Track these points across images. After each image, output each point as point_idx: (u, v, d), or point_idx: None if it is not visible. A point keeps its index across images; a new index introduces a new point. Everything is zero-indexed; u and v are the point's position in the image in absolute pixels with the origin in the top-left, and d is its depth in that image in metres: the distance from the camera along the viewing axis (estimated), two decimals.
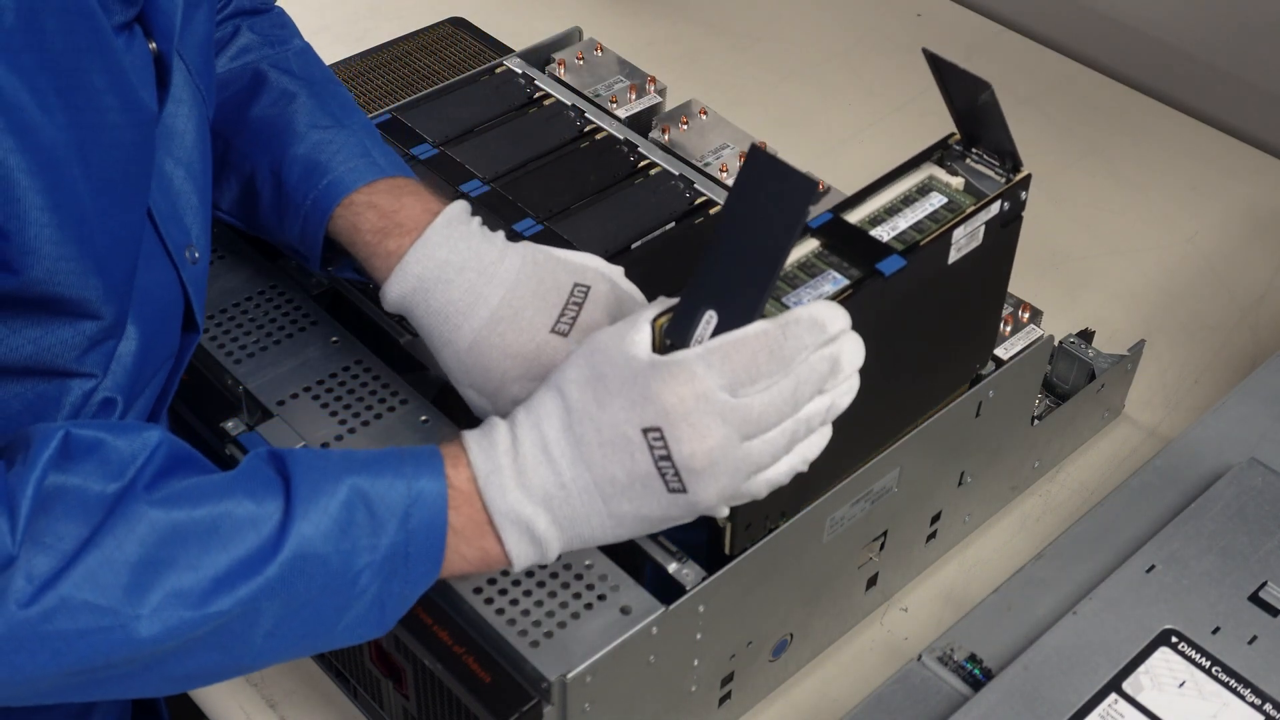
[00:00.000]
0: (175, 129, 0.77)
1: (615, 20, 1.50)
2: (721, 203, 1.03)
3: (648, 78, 1.16)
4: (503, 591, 0.77)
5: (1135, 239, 1.26)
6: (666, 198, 1.04)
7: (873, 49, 1.49)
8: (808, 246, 0.77)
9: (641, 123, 1.14)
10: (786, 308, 0.73)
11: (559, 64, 1.17)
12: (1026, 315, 0.96)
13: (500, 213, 1.01)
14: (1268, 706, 0.81)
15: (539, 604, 0.76)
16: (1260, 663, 0.83)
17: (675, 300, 0.70)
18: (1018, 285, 0.97)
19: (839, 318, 0.68)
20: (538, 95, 1.13)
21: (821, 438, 0.71)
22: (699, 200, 1.04)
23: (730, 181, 1.07)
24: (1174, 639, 0.84)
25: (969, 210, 0.78)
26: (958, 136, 0.81)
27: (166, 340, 0.79)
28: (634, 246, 1.00)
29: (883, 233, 0.77)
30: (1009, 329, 0.94)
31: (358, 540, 0.67)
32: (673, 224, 1.02)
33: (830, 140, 1.35)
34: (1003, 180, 0.80)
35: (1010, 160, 0.79)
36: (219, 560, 0.65)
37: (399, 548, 0.68)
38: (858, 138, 1.36)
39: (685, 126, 1.12)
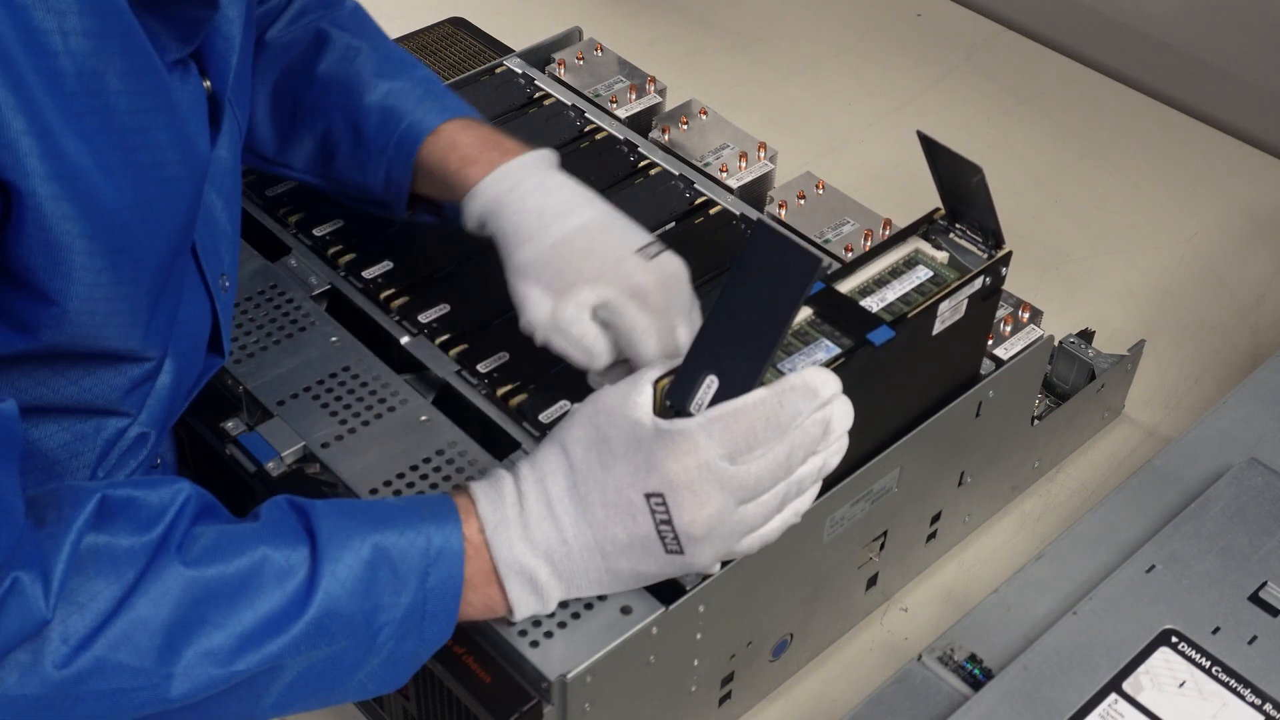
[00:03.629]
0: (218, 159, 0.77)
1: (615, 20, 1.50)
2: (721, 203, 1.04)
3: (648, 78, 1.16)
4: None
5: (1135, 239, 1.26)
6: (666, 198, 1.04)
7: (873, 49, 1.49)
8: (802, 315, 0.81)
9: (641, 123, 1.14)
10: (781, 373, 0.76)
11: (559, 64, 1.17)
12: (1026, 315, 0.95)
13: None
14: (1268, 706, 0.81)
15: None
16: (1260, 663, 0.83)
17: (676, 362, 0.72)
18: (1018, 285, 0.97)
19: (831, 383, 0.71)
20: (538, 95, 1.13)
21: (812, 495, 0.74)
22: (699, 200, 1.04)
23: (730, 181, 1.07)
24: (1174, 639, 0.84)
25: (953, 285, 0.82)
26: (942, 211, 0.85)
27: (196, 368, 0.80)
28: None
29: (872, 303, 0.82)
30: (1009, 329, 0.94)
31: (380, 598, 0.68)
32: (673, 224, 1.02)
33: (830, 140, 1.35)
34: (985, 256, 0.83)
35: (993, 237, 0.83)
36: (246, 618, 0.65)
37: (417, 606, 0.69)
38: (858, 138, 1.36)
39: (685, 126, 1.12)
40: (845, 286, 0.82)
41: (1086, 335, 1.04)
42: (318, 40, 0.90)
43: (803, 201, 1.08)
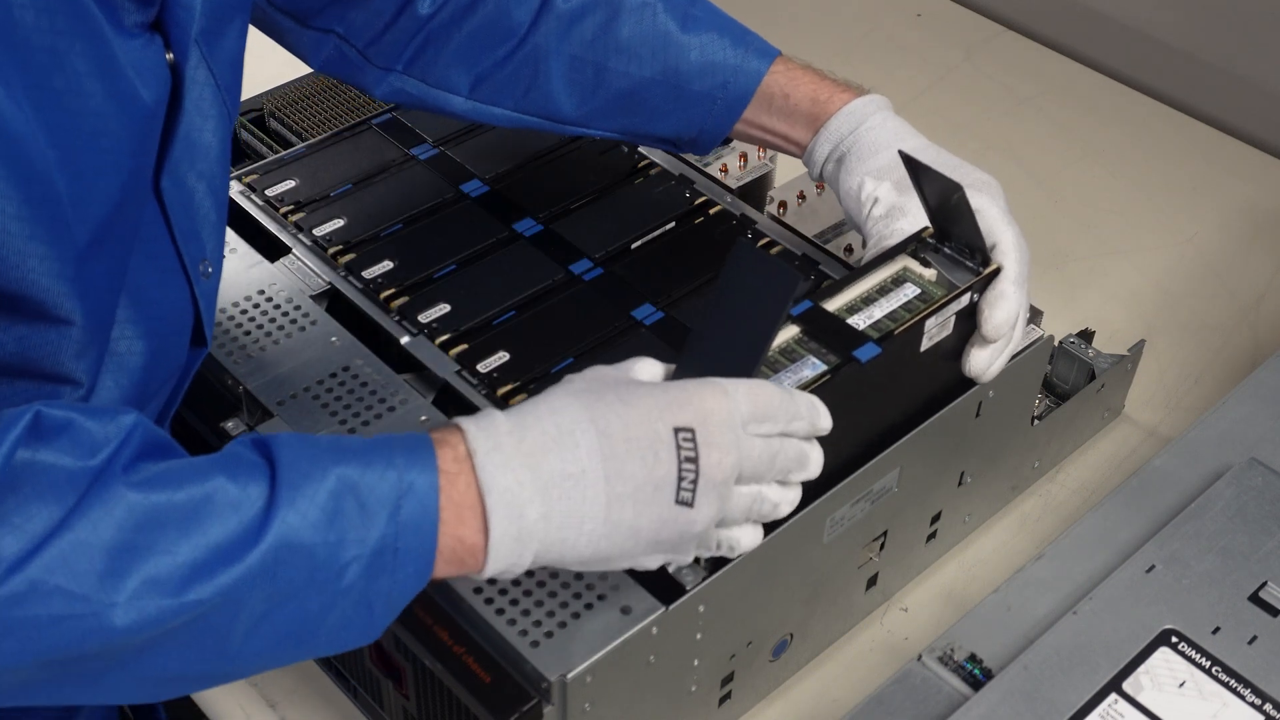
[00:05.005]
0: (201, 143, 0.76)
1: None
2: (721, 203, 1.04)
3: None
4: (503, 591, 0.77)
5: (1135, 239, 1.26)
6: (666, 198, 1.04)
7: (873, 49, 1.49)
8: (789, 333, 0.81)
9: None
10: None
11: None
12: (1026, 315, 0.95)
13: (500, 213, 1.01)
14: (1268, 706, 0.81)
15: (539, 604, 0.76)
16: (1260, 663, 0.83)
17: (646, 363, 0.73)
18: None
19: (827, 421, 0.73)
20: None
21: (755, 535, 0.73)
22: (699, 200, 1.04)
23: (730, 181, 1.07)
24: (1174, 639, 0.84)
25: (940, 301, 0.82)
26: (931, 230, 0.85)
27: (175, 355, 0.78)
28: (634, 246, 1.00)
29: (859, 321, 0.82)
30: None
31: (346, 532, 0.65)
32: (673, 224, 1.02)
33: None
34: (973, 273, 0.84)
35: (980, 254, 0.84)
36: (198, 545, 0.62)
37: (388, 541, 0.66)
38: None
39: None
40: (833, 304, 0.83)
41: (1086, 335, 1.04)
42: (612, 6, 0.94)
43: (802, 202, 1.08)
